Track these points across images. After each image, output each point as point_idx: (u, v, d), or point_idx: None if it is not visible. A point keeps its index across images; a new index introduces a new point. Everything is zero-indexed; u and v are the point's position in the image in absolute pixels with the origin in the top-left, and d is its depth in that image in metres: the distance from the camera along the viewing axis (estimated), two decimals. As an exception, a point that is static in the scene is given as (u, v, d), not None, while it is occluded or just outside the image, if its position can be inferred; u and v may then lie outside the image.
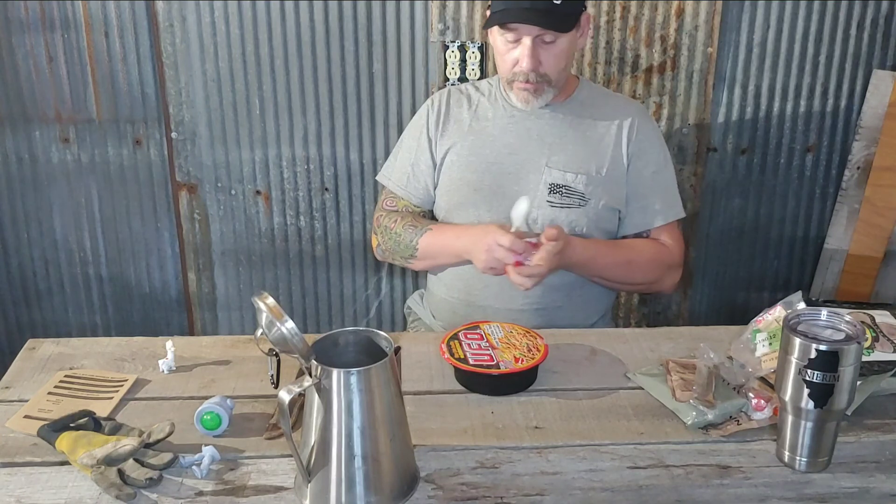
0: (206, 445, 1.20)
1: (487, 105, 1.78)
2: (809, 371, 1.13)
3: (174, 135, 2.43)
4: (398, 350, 1.15)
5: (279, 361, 1.24)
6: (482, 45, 2.34)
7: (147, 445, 1.20)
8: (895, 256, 2.48)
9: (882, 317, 1.45)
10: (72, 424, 1.24)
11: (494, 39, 1.67)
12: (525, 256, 1.52)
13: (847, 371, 1.13)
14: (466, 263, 1.67)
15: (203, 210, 2.52)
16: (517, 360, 1.37)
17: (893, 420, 1.31)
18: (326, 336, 1.17)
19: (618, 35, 2.37)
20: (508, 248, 1.52)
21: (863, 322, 1.41)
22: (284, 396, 1.07)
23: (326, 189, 2.50)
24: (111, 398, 1.36)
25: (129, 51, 2.35)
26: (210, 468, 1.19)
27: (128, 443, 1.18)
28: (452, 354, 1.40)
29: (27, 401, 1.36)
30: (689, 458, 1.22)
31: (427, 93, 2.39)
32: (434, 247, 1.72)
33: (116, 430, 1.24)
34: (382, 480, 1.12)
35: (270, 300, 1.09)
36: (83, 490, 1.15)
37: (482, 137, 1.76)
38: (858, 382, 1.24)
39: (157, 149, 2.45)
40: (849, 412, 1.27)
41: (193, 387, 1.40)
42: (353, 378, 1.08)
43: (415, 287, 2.57)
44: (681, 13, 2.35)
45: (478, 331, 1.47)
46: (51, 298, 2.60)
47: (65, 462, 1.20)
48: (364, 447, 1.10)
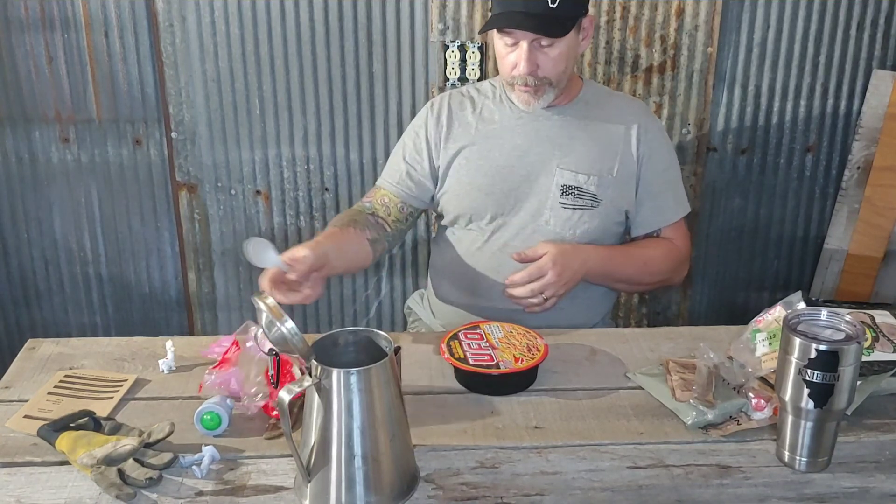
0: (206, 445, 1.20)
1: (493, 107, 1.77)
2: (809, 371, 1.13)
3: (174, 135, 2.43)
4: (398, 350, 1.15)
5: (279, 361, 1.24)
6: (482, 45, 2.34)
7: (147, 445, 1.20)
8: (895, 256, 2.48)
9: (882, 317, 1.45)
10: (72, 424, 1.24)
11: (495, 42, 1.67)
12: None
13: (847, 371, 1.13)
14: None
15: (203, 210, 2.52)
16: (517, 360, 1.37)
17: (893, 420, 1.31)
18: (326, 336, 1.17)
19: (618, 35, 2.37)
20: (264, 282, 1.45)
21: (863, 322, 1.41)
22: (284, 396, 1.07)
23: (326, 189, 2.50)
24: (111, 398, 1.37)
25: (129, 51, 2.35)
26: (210, 468, 1.19)
27: (128, 443, 1.18)
28: (452, 354, 1.40)
29: (27, 401, 1.36)
30: (689, 458, 1.22)
31: (427, 93, 2.39)
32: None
33: (116, 430, 1.24)
34: (382, 480, 1.12)
35: (270, 300, 1.09)
36: (83, 490, 1.15)
37: (490, 140, 1.75)
38: (858, 382, 1.24)
39: (157, 149, 2.45)
40: (849, 412, 1.27)
41: (193, 387, 1.40)
42: (353, 378, 1.08)
43: (415, 287, 2.57)
44: (681, 13, 2.35)
45: (478, 331, 1.48)
46: (51, 298, 2.60)
47: (65, 462, 1.20)
48: (364, 447, 1.10)
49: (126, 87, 2.38)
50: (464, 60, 2.36)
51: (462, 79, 2.37)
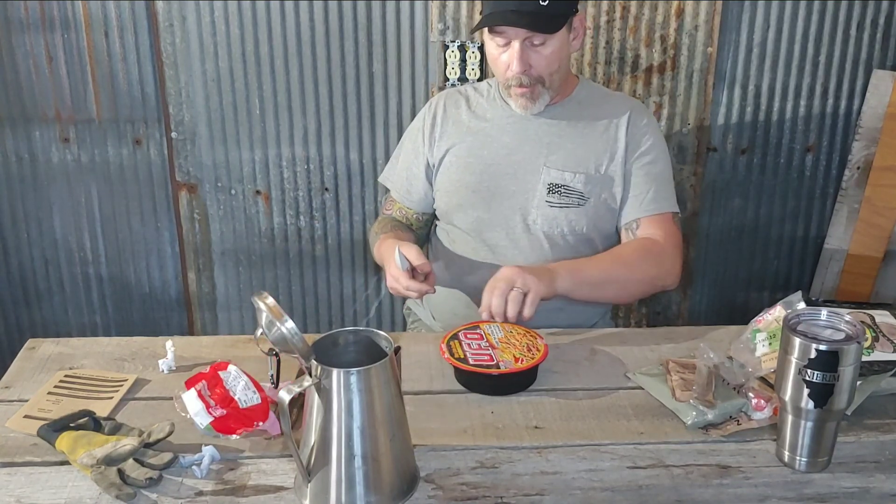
0: (206, 445, 1.20)
1: (486, 106, 1.78)
2: (809, 371, 1.13)
3: (174, 135, 2.43)
4: (398, 350, 1.15)
5: (279, 361, 1.24)
6: (482, 45, 2.34)
7: (147, 445, 1.20)
8: (895, 256, 2.48)
9: (882, 317, 1.45)
10: (72, 424, 1.24)
11: (486, 44, 1.67)
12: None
13: (847, 371, 1.13)
14: None
15: (203, 210, 2.52)
16: (517, 360, 1.37)
17: (893, 420, 1.31)
18: (326, 336, 1.17)
19: (618, 35, 2.37)
20: (405, 286, 1.57)
21: (863, 322, 1.41)
22: (284, 396, 1.07)
23: (326, 189, 2.50)
24: (111, 398, 1.37)
25: (129, 51, 2.35)
26: (210, 468, 1.19)
27: (128, 443, 1.18)
28: (452, 354, 1.40)
29: (27, 401, 1.36)
30: (689, 458, 1.22)
31: (427, 93, 2.39)
32: (377, 257, 1.76)
33: (116, 430, 1.24)
34: (382, 480, 1.12)
35: (270, 300, 1.09)
36: (83, 490, 1.15)
37: (480, 138, 1.76)
38: (858, 382, 1.24)
39: (157, 149, 2.45)
40: (849, 412, 1.28)
41: (193, 387, 1.40)
42: (353, 378, 1.08)
43: (415, 287, 2.57)
44: (681, 13, 2.35)
45: (478, 331, 1.47)
46: (51, 298, 2.60)
47: (65, 462, 1.20)
48: (364, 447, 1.10)
49: (126, 87, 2.38)
50: (464, 60, 2.36)
51: (462, 79, 2.37)
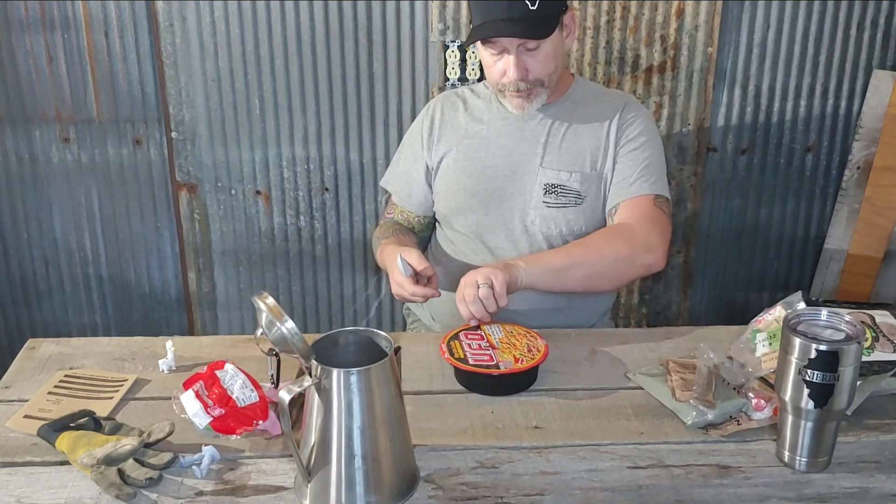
0: (206, 445, 1.20)
1: (483, 108, 1.78)
2: (809, 371, 1.13)
3: (174, 135, 2.43)
4: (398, 350, 1.15)
5: (279, 361, 1.24)
6: (482, 45, 2.34)
7: (147, 445, 1.20)
8: (895, 256, 2.48)
9: (882, 317, 1.45)
10: (72, 424, 1.24)
11: (480, 52, 1.67)
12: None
13: (847, 371, 1.13)
14: None
15: (203, 210, 2.52)
16: (517, 361, 1.37)
17: (893, 420, 1.31)
18: (326, 336, 1.17)
19: (618, 35, 2.37)
20: (409, 292, 1.58)
21: (863, 322, 1.41)
22: (284, 396, 1.07)
23: (326, 189, 2.50)
24: (111, 398, 1.37)
25: (129, 51, 2.35)
26: (210, 468, 1.19)
27: (128, 443, 1.18)
28: (452, 354, 1.40)
29: (27, 401, 1.36)
30: (689, 458, 1.22)
31: (427, 93, 2.39)
32: (380, 262, 1.78)
33: (116, 430, 1.24)
34: (382, 480, 1.12)
35: (270, 300, 1.09)
36: (83, 490, 1.15)
37: (477, 141, 1.76)
38: (858, 382, 1.24)
39: (157, 149, 2.45)
40: (849, 412, 1.27)
41: (193, 387, 1.40)
42: (353, 378, 1.08)
43: (415, 287, 2.57)
44: (681, 13, 2.35)
45: (478, 331, 1.47)
46: (51, 298, 2.60)
47: (65, 462, 1.20)
48: (364, 447, 1.10)
49: (126, 87, 2.38)
50: (464, 60, 2.36)
51: (462, 79, 2.37)
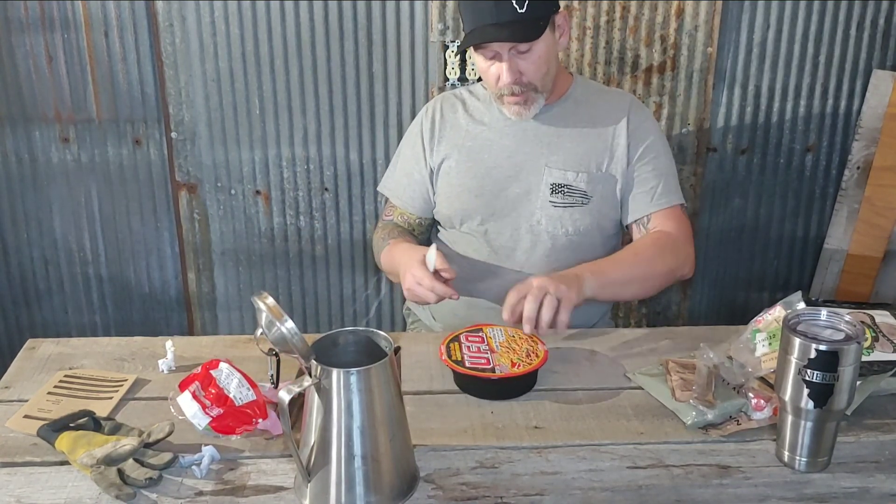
0: (206, 445, 1.21)
1: (483, 109, 1.78)
2: (809, 371, 1.13)
3: (174, 135, 2.43)
4: (398, 350, 1.15)
5: (279, 361, 1.24)
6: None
7: (147, 445, 1.20)
8: (895, 256, 2.48)
9: (882, 317, 1.45)
10: (71, 424, 1.24)
11: (474, 57, 1.67)
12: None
13: (847, 371, 1.13)
14: None
15: (203, 210, 2.52)
16: (514, 365, 1.37)
17: (893, 420, 1.31)
18: (326, 336, 1.17)
19: (618, 35, 2.37)
20: (428, 287, 1.51)
21: (863, 322, 1.41)
22: (284, 396, 1.07)
23: (326, 189, 2.50)
24: (111, 398, 1.37)
25: (129, 51, 2.35)
26: (210, 468, 1.19)
27: (128, 443, 1.18)
28: (451, 356, 1.40)
29: (27, 401, 1.36)
30: (689, 458, 1.22)
31: (427, 93, 2.39)
32: (386, 263, 1.75)
33: (116, 430, 1.24)
34: (382, 480, 1.12)
35: (270, 300, 1.09)
36: (83, 490, 1.15)
37: (479, 142, 1.76)
38: (858, 382, 1.24)
39: (157, 149, 2.45)
40: (848, 412, 1.28)
41: (193, 387, 1.40)
42: (353, 378, 1.08)
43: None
44: (681, 13, 2.35)
45: (480, 333, 1.47)
46: (51, 298, 2.60)
47: (64, 462, 1.20)
48: (364, 447, 1.10)
49: (126, 87, 2.38)
50: (464, 60, 2.36)
51: (462, 79, 2.37)
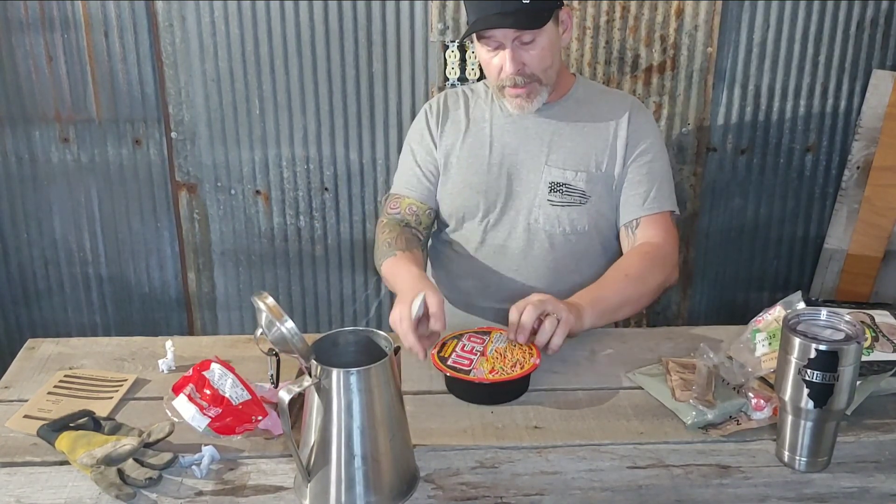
0: (206, 445, 1.21)
1: (484, 106, 1.78)
2: (809, 371, 1.13)
3: (174, 135, 2.43)
4: (398, 350, 1.15)
5: (279, 361, 1.24)
6: (482, 45, 2.35)
7: (147, 445, 1.20)
8: (895, 256, 2.48)
9: (882, 317, 1.45)
10: (71, 424, 1.24)
11: (478, 50, 1.68)
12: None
13: (847, 371, 1.13)
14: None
15: (203, 210, 2.52)
16: (491, 372, 1.35)
17: (893, 420, 1.31)
18: (326, 336, 1.17)
19: (618, 35, 2.37)
20: (403, 334, 1.45)
21: (862, 322, 1.41)
22: (284, 396, 1.07)
23: (326, 189, 2.50)
24: (111, 398, 1.37)
25: (129, 51, 2.35)
26: (210, 468, 1.19)
27: (127, 443, 1.18)
28: (442, 351, 1.40)
29: (27, 401, 1.36)
30: (689, 458, 1.22)
31: (427, 93, 2.39)
32: (389, 273, 1.69)
33: (116, 430, 1.24)
34: (382, 480, 1.12)
35: (270, 300, 1.09)
36: (83, 490, 1.15)
37: (480, 139, 1.76)
38: (858, 382, 1.24)
39: (157, 149, 2.45)
40: (848, 412, 1.27)
41: (193, 387, 1.40)
42: (353, 378, 1.08)
43: (415, 287, 2.57)
44: (681, 13, 2.35)
45: (483, 336, 1.46)
46: (51, 298, 2.60)
47: (64, 462, 1.20)
48: (364, 447, 1.10)
49: (126, 87, 2.38)
50: (464, 60, 2.36)
51: (462, 79, 2.37)
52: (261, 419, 1.28)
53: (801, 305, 1.34)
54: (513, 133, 1.74)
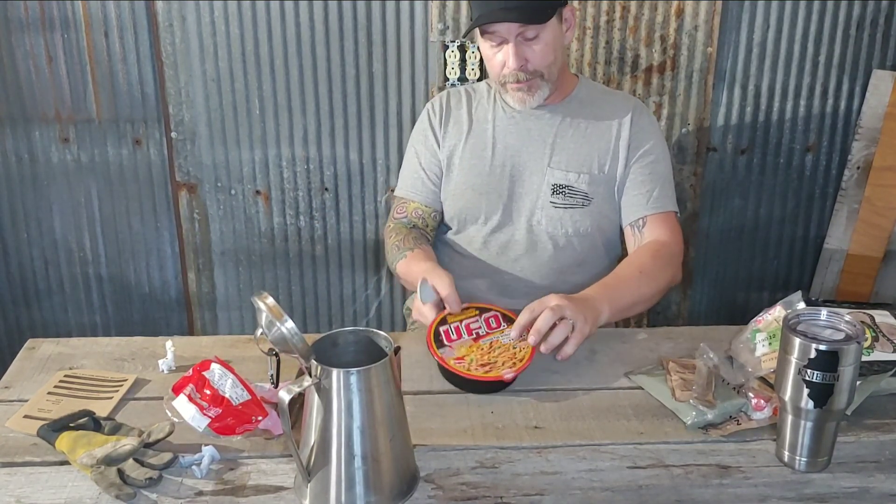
0: (206, 445, 1.20)
1: (486, 107, 1.78)
2: (809, 371, 1.13)
3: (174, 135, 2.43)
4: (398, 350, 1.15)
5: (279, 361, 1.24)
6: (482, 45, 2.35)
7: (147, 445, 1.20)
8: (895, 256, 2.48)
9: (882, 317, 1.45)
10: (71, 424, 1.24)
11: (481, 46, 1.68)
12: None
13: (847, 371, 1.13)
14: None
15: (203, 210, 2.52)
16: (458, 360, 1.37)
17: (893, 420, 1.31)
18: (326, 336, 1.17)
19: (618, 35, 2.37)
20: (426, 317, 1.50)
21: (863, 322, 1.41)
22: (284, 396, 1.07)
23: (326, 189, 2.50)
24: (111, 398, 1.37)
25: (129, 51, 2.35)
26: (210, 468, 1.19)
27: (128, 443, 1.18)
28: (445, 321, 1.43)
29: (27, 401, 1.36)
30: (689, 458, 1.22)
31: (427, 93, 2.39)
32: (404, 273, 1.71)
33: (116, 430, 1.24)
34: (382, 480, 1.12)
35: (270, 300, 1.09)
36: (83, 490, 1.15)
37: (483, 140, 1.75)
38: (858, 382, 1.24)
39: (157, 149, 2.45)
40: (848, 412, 1.27)
41: (193, 387, 1.40)
42: (353, 378, 1.08)
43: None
44: (681, 13, 2.35)
45: (498, 325, 1.45)
46: (51, 298, 2.60)
47: (64, 462, 1.20)
48: (364, 447, 1.10)
49: (126, 87, 2.38)
50: (464, 60, 2.36)
51: (462, 79, 2.37)
52: (261, 419, 1.28)
53: (801, 305, 1.34)
54: (515, 134, 1.74)
